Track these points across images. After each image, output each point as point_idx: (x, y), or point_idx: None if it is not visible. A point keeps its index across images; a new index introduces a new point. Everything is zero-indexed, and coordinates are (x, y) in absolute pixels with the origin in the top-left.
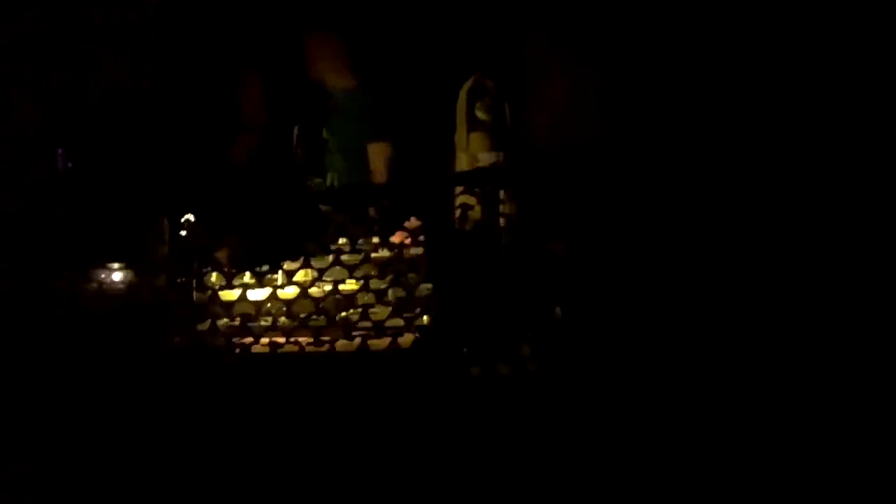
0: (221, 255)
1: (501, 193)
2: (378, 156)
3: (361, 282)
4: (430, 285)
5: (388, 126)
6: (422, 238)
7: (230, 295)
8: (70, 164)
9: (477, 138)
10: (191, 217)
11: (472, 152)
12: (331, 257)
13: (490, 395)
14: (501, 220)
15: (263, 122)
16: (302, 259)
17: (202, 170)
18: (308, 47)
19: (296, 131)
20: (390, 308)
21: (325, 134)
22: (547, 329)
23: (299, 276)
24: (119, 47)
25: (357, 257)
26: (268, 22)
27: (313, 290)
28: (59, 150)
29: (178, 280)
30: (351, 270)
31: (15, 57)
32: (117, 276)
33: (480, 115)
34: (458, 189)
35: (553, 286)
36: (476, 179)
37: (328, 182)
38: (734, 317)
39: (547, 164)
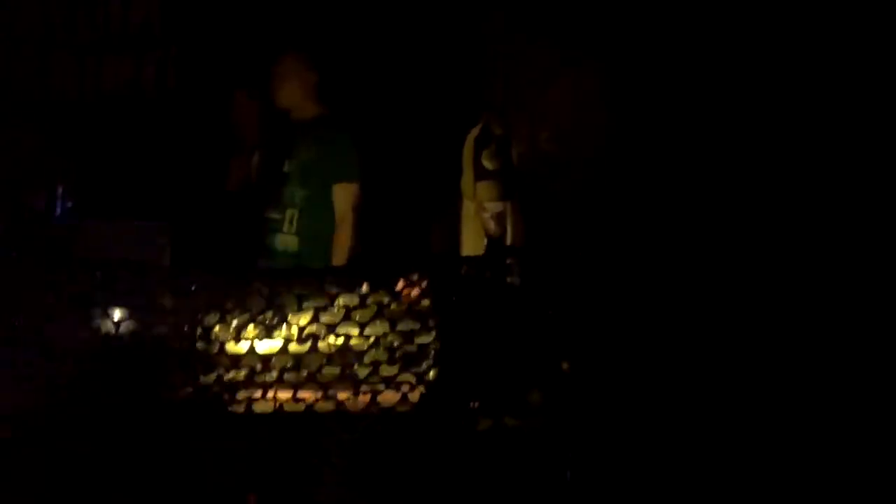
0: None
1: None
2: (344, 197)
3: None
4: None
5: (361, 164)
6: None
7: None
8: (69, 204)
9: (484, 187)
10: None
11: (480, 201)
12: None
13: (499, 450)
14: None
15: (256, 145)
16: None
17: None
18: (274, 71)
19: (255, 158)
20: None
21: (285, 166)
22: (556, 380)
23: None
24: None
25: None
26: (265, 45)
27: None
28: (59, 190)
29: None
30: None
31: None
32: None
33: (487, 163)
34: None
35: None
36: (485, 263)
37: (287, 219)
38: (753, 355)
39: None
